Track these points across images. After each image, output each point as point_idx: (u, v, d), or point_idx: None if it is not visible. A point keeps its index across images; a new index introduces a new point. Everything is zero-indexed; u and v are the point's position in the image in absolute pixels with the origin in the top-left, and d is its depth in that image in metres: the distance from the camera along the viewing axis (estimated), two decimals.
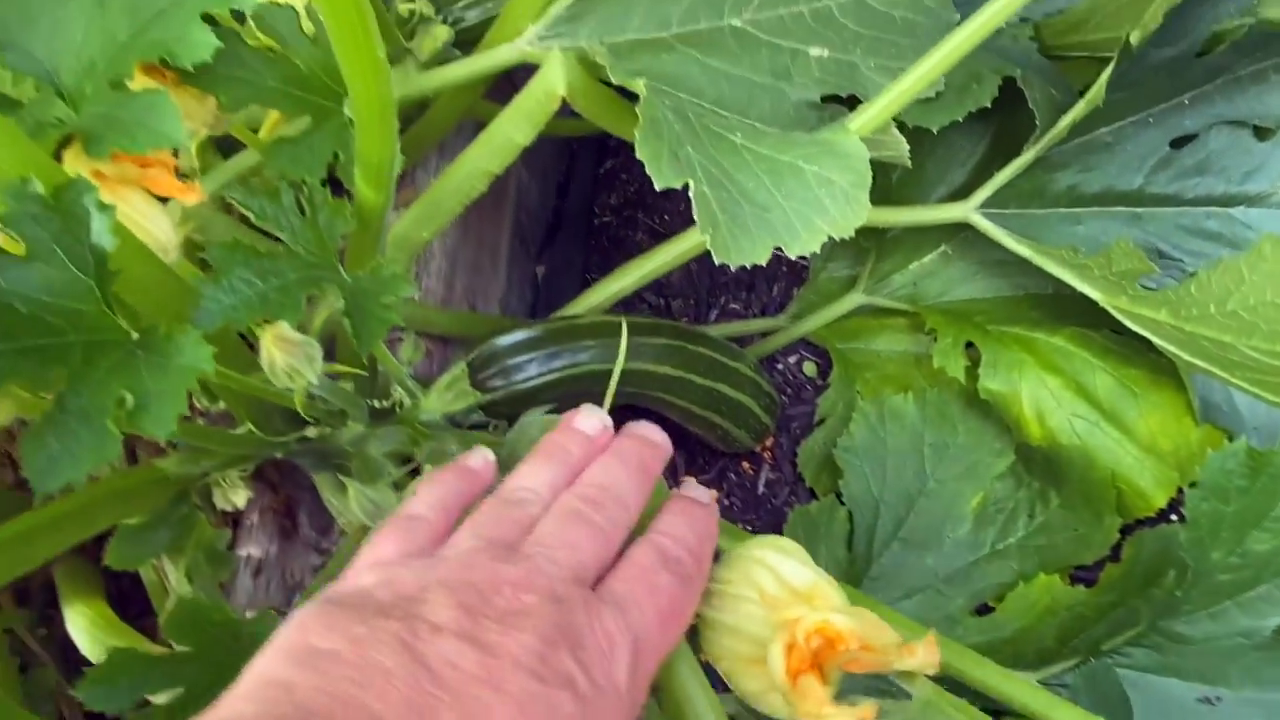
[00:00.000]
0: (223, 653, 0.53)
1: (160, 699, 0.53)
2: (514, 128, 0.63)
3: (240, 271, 0.49)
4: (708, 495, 0.48)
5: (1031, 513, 0.81)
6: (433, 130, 0.77)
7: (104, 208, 0.43)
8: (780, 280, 1.04)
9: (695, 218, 0.55)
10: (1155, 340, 0.71)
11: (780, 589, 0.42)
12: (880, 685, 0.48)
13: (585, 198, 1.15)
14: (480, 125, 0.74)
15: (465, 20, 0.81)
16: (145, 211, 0.53)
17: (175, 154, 0.56)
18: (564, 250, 1.12)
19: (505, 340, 0.71)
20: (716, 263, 0.57)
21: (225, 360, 0.49)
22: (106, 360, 0.44)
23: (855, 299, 0.93)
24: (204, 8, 0.46)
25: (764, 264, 0.58)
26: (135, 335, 0.45)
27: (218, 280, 0.48)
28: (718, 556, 0.47)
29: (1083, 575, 0.81)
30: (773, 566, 0.43)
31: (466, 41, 0.81)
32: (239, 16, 0.56)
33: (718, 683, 0.48)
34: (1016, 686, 0.58)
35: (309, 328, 0.58)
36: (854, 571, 0.81)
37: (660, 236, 1.13)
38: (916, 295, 0.90)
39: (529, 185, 1.07)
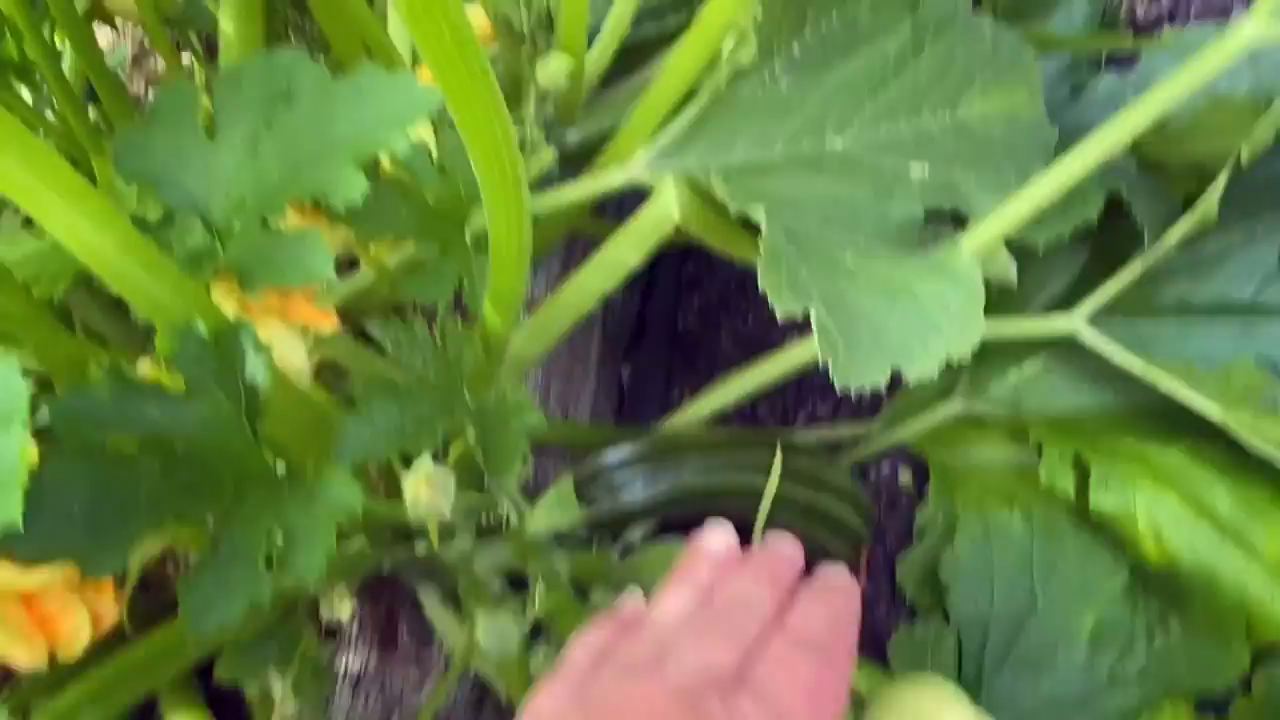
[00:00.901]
0: None
1: None
2: (627, 251, 0.65)
3: (380, 404, 0.50)
4: (844, 578, 0.47)
5: (1151, 637, 0.77)
6: (540, 245, 0.79)
7: (260, 348, 0.45)
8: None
9: (816, 343, 0.56)
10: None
11: None
12: None
13: (669, 300, 1.16)
14: (574, 237, 0.76)
15: (566, 142, 0.83)
16: (283, 339, 0.55)
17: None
18: (649, 352, 1.12)
19: (612, 457, 0.71)
20: (837, 381, 0.57)
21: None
22: (256, 496, 0.45)
23: (952, 407, 0.92)
24: (358, 153, 0.48)
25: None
26: (281, 469, 0.46)
27: (360, 413, 0.49)
28: (859, 701, 0.46)
29: (1212, 701, 0.77)
30: (934, 714, 0.41)
31: (566, 160, 0.83)
32: None
33: None
34: None
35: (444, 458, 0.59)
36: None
37: (743, 339, 1.14)
38: (1018, 405, 0.88)
39: (616, 290, 1.08)
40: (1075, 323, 0.79)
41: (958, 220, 0.74)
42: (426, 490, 0.49)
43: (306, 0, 0.67)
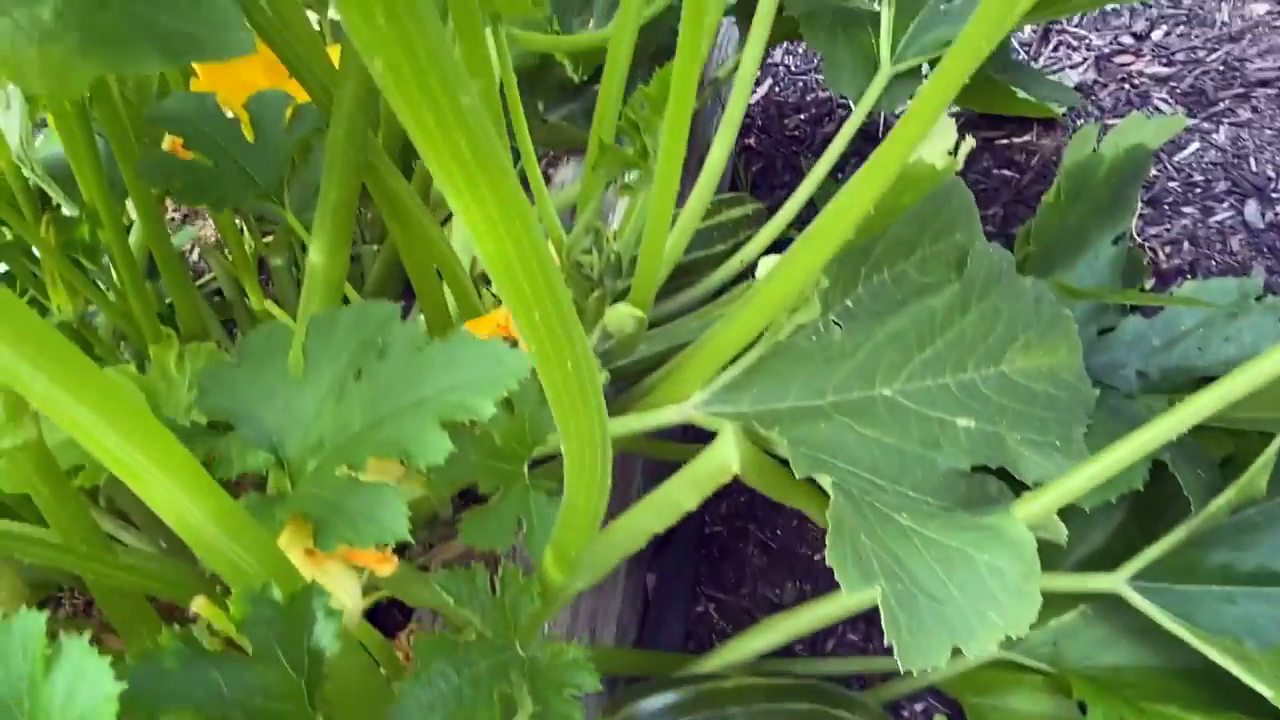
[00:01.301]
0: None
1: None
2: (683, 494, 0.65)
3: (438, 663, 0.49)
4: None
5: None
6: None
7: (331, 614, 0.45)
8: None
9: (883, 619, 0.55)
10: None
11: None
12: None
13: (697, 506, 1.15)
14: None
15: (613, 363, 0.86)
16: (340, 582, 0.55)
17: None
18: (675, 559, 1.11)
19: (649, 705, 0.69)
20: (902, 664, 0.56)
21: None
22: None
23: (990, 651, 0.90)
24: (445, 415, 0.49)
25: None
26: None
27: (418, 676, 0.48)
28: None
29: None
30: None
31: (615, 379, 0.85)
32: None
33: None
34: None
35: None
36: None
37: (774, 551, 1.13)
38: (1056, 656, 0.86)
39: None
40: (1118, 584, 0.78)
41: (1002, 474, 0.75)
42: None
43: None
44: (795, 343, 0.73)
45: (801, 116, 1.62)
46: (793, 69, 1.71)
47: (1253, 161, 1.25)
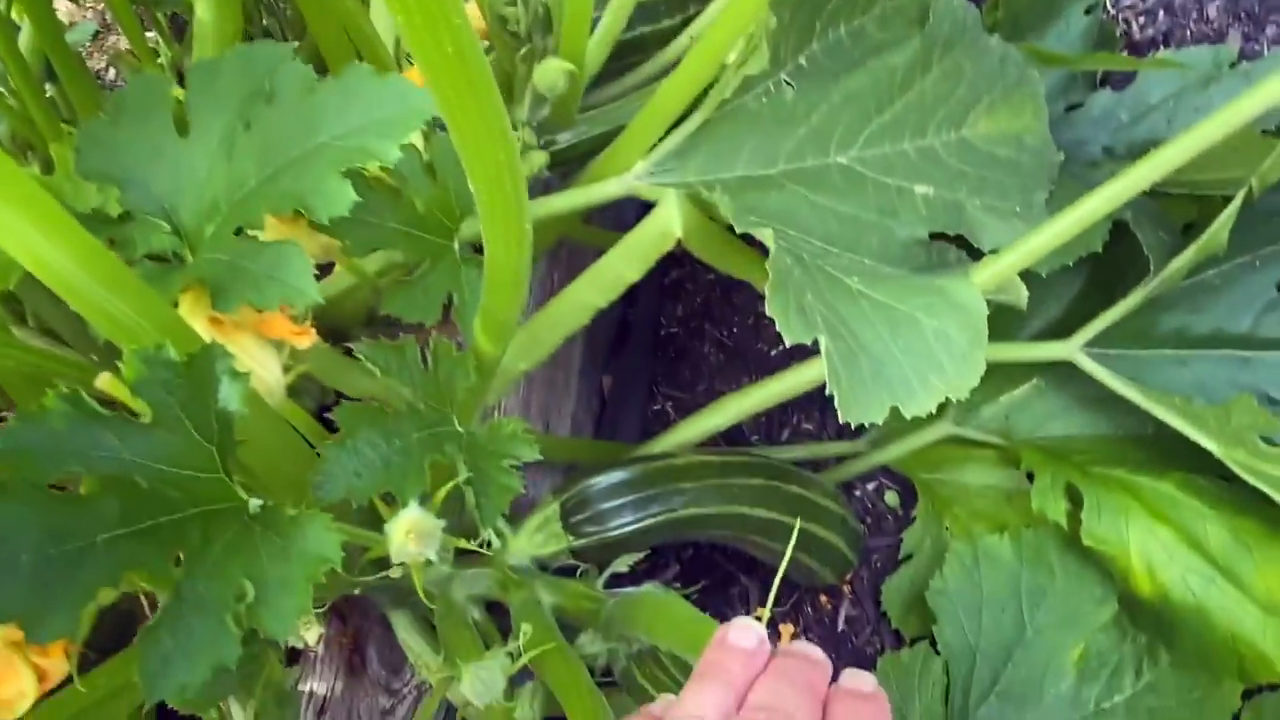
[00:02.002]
0: None
1: None
2: (626, 265, 0.62)
3: (365, 433, 0.46)
4: (872, 684, 0.44)
5: (1139, 670, 0.77)
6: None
7: (236, 376, 0.41)
8: None
9: (826, 375, 0.53)
10: (1275, 495, 0.68)
11: None
12: None
13: (652, 308, 1.13)
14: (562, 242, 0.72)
15: (557, 143, 0.80)
16: (256, 355, 0.51)
17: None
18: (631, 361, 1.09)
19: (600, 483, 0.68)
20: (841, 415, 0.55)
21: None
22: (225, 536, 0.41)
23: (942, 428, 0.90)
24: (345, 162, 0.44)
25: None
26: (254, 504, 0.42)
27: (342, 443, 0.45)
28: None
29: None
30: None
31: (557, 160, 0.80)
32: None
33: None
34: None
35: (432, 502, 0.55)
36: None
37: (728, 348, 1.11)
38: (1008, 429, 0.87)
39: None
40: (1072, 350, 0.77)
41: (960, 242, 0.72)
42: (414, 546, 0.45)
43: None
44: (744, 104, 0.68)
45: None
46: None
47: None
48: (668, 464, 0.71)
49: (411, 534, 0.45)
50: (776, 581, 0.41)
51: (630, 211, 0.99)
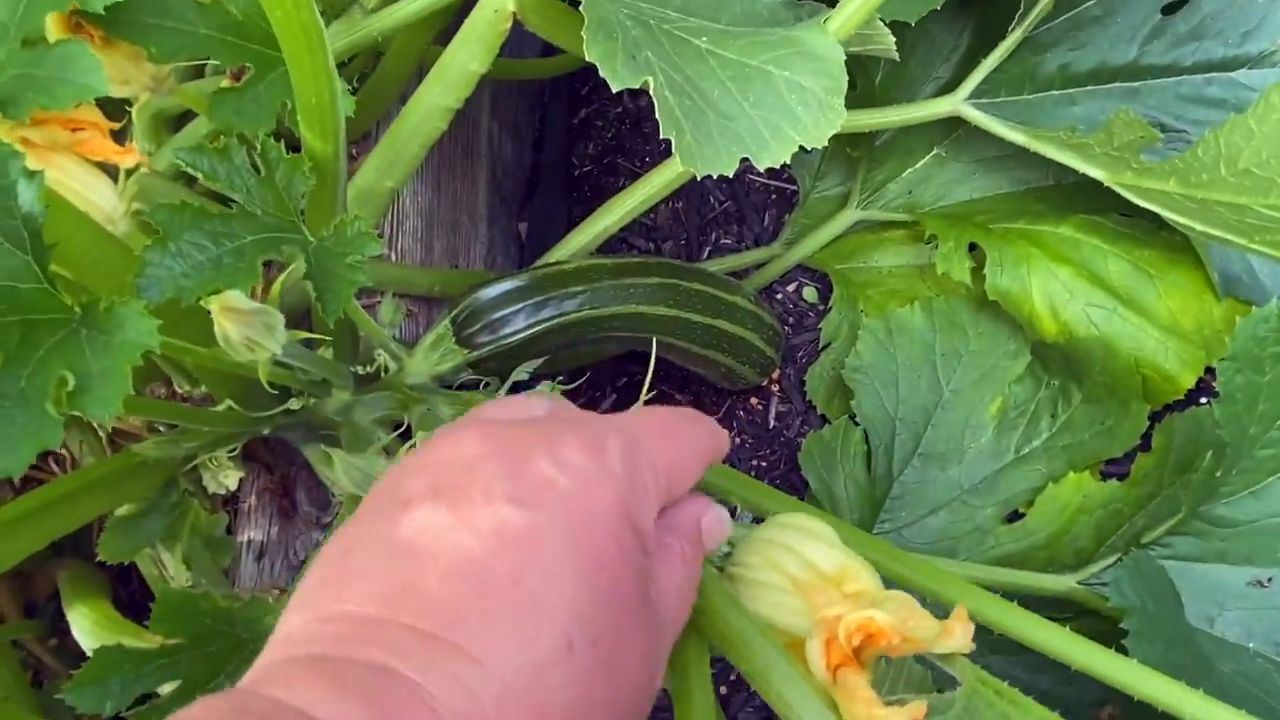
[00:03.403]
0: (217, 641, 0.50)
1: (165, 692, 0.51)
2: (467, 55, 0.60)
3: (190, 235, 0.46)
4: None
5: (1054, 412, 0.78)
6: (389, 81, 0.73)
7: (31, 175, 0.40)
8: (771, 208, 1.00)
9: (660, 124, 0.52)
10: (1166, 215, 0.68)
11: (809, 574, 0.39)
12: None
13: (562, 149, 1.11)
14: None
15: None
16: (83, 180, 0.51)
17: (118, 122, 0.53)
18: (546, 204, 1.08)
19: (489, 292, 0.68)
20: (699, 178, 0.54)
21: (181, 333, 0.47)
22: (47, 339, 0.41)
23: (850, 215, 0.90)
24: None
25: (732, 177, 0.55)
26: (79, 312, 0.42)
27: (164, 245, 0.45)
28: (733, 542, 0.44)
29: (1114, 470, 0.78)
30: (797, 550, 0.40)
31: None
32: None
33: None
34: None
35: (266, 294, 0.55)
36: (876, 492, 0.79)
37: (636, 175, 1.09)
38: (913, 203, 0.86)
39: (501, 140, 1.03)
40: (957, 104, 0.76)
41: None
42: (233, 325, 0.45)
43: None
44: None
45: None
46: None
47: None
48: (558, 269, 0.71)
49: (228, 314, 0.45)
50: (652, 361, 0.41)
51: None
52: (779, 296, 0.96)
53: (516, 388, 0.68)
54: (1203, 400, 0.78)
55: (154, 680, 0.48)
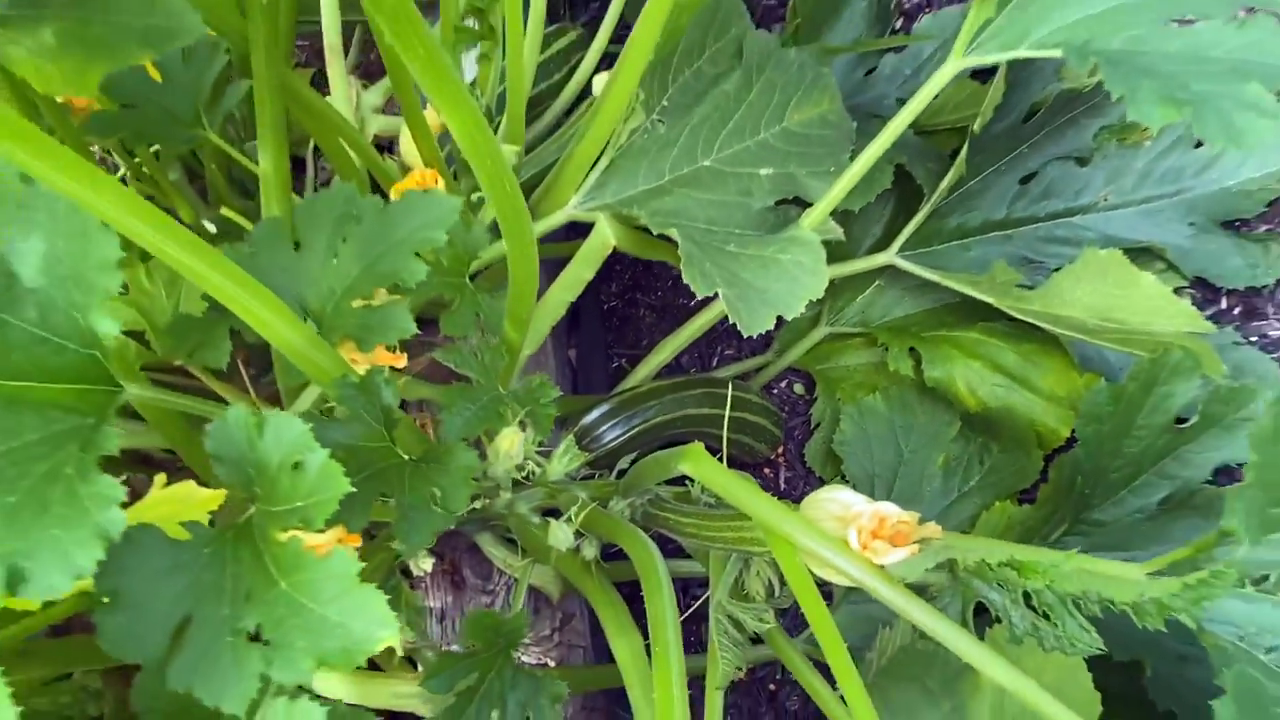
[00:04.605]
0: (495, 645, 0.80)
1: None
2: (582, 269, 0.93)
3: (459, 403, 0.77)
4: None
5: (981, 460, 1.12)
6: (496, 272, 1.06)
7: (389, 383, 0.71)
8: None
9: (726, 310, 0.85)
10: (1037, 323, 1.03)
11: (841, 509, 0.71)
12: None
13: (593, 291, 1.44)
14: None
15: None
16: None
17: None
18: (587, 333, 1.41)
19: (592, 416, 0.99)
20: (744, 333, 0.87)
21: None
22: (401, 474, 0.71)
23: (822, 330, 1.24)
24: (416, 247, 0.74)
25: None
26: (410, 459, 0.73)
27: (450, 410, 0.76)
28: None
29: (1026, 497, 1.12)
30: (837, 499, 0.71)
31: None
32: None
33: None
34: None
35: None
36: None
37: (658, 309, 1.43)
38: (865, 319, 1.21)
39: None
40: (891, 256, 1.11)
41: (799, 201, 1.05)
42: (514, 440, 0.75)
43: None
44: (634, 143, 0.99)
45: None
46: None
47: None
48: (634, 393, 1.03)
49: (511, 441, 0.75)
50: (725, 440, 0.73)
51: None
52: (774, 391, 1.29)
53: (620, 473, 0.99)
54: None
55: (465, 670, 0.77)
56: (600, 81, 1.11)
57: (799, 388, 1.28)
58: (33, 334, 0.58)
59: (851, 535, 0.67)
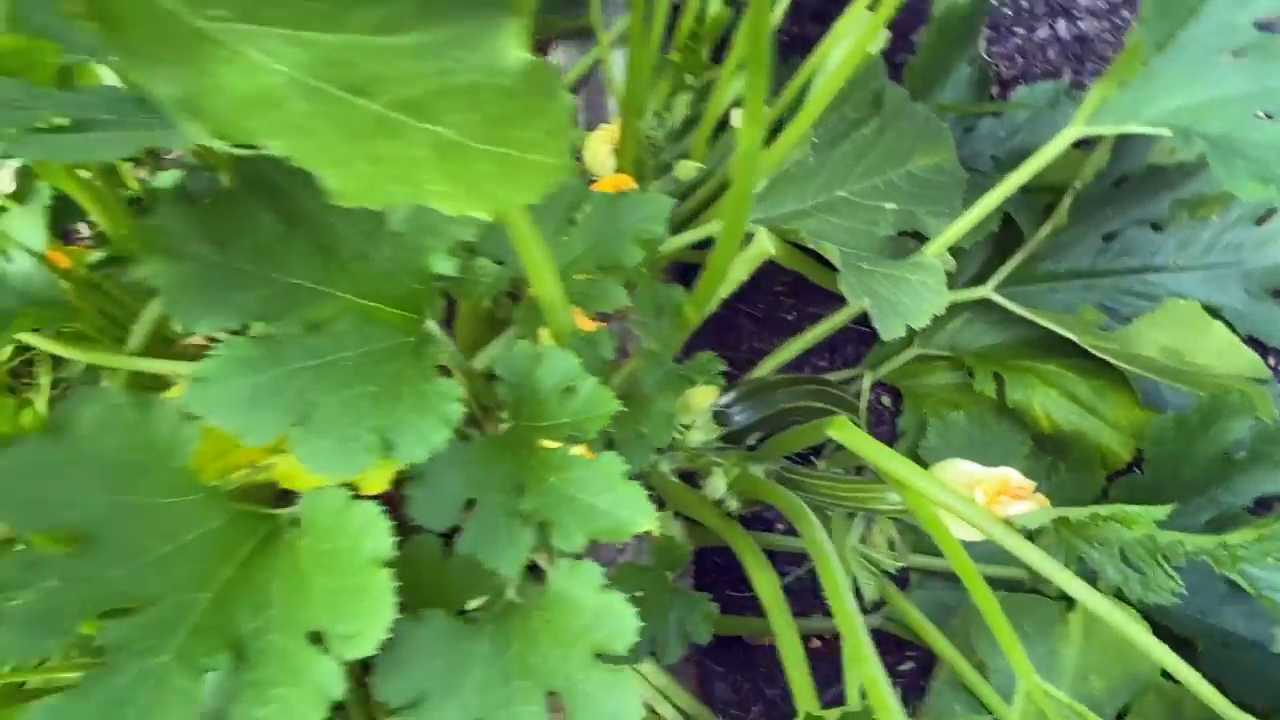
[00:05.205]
0: None
1: None
2: (741, 271, 1.09)
3: (652, 366, 0.94)
4: None
5: (1049, 476, 1.27)
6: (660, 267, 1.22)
7: (608, 339, 0.88)
8: (852, 343, 1.51)
9: (871, 317, 1.01)
10: (1112, 361, 1.19)
11: (968, 474, 0.87)
12: None
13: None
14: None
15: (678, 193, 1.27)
16: (588, 322, 0.98)
17: None
18: (700, 338, 1.57)
19: (725, 399, 1.16)
20: (882, 337, 1.03)
21: None
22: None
23: (912, 351, 1.40)
24: (636, 237, 0.91)
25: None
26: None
27: (644, 371, 0.93)
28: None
29: None
30: (960, 468, 0.87)
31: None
32: None
33: None
34: None
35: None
36: None
37: (760, 319, 1.59)
38: (953, 345, 1.37)
39: None
40: (988, 291, 1.28)
41: (917, 235, 1.21)
42: (705, 395, 0.92)
43: None
44: (787, 171, 1.16)
45: None
46: None
47: None
48: (761, 382, 1.19)
49: (703, 396, 0.92)
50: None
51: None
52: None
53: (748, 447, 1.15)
54: (1134, 470, 1.29)
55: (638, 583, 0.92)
56: (737, 115, 1.28)
57: (886, 400, 1.44)
58: (384, 268, 0.74)
59: (978, 494, 0.83)
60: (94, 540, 0.62)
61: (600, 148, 1.16)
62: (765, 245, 1.07)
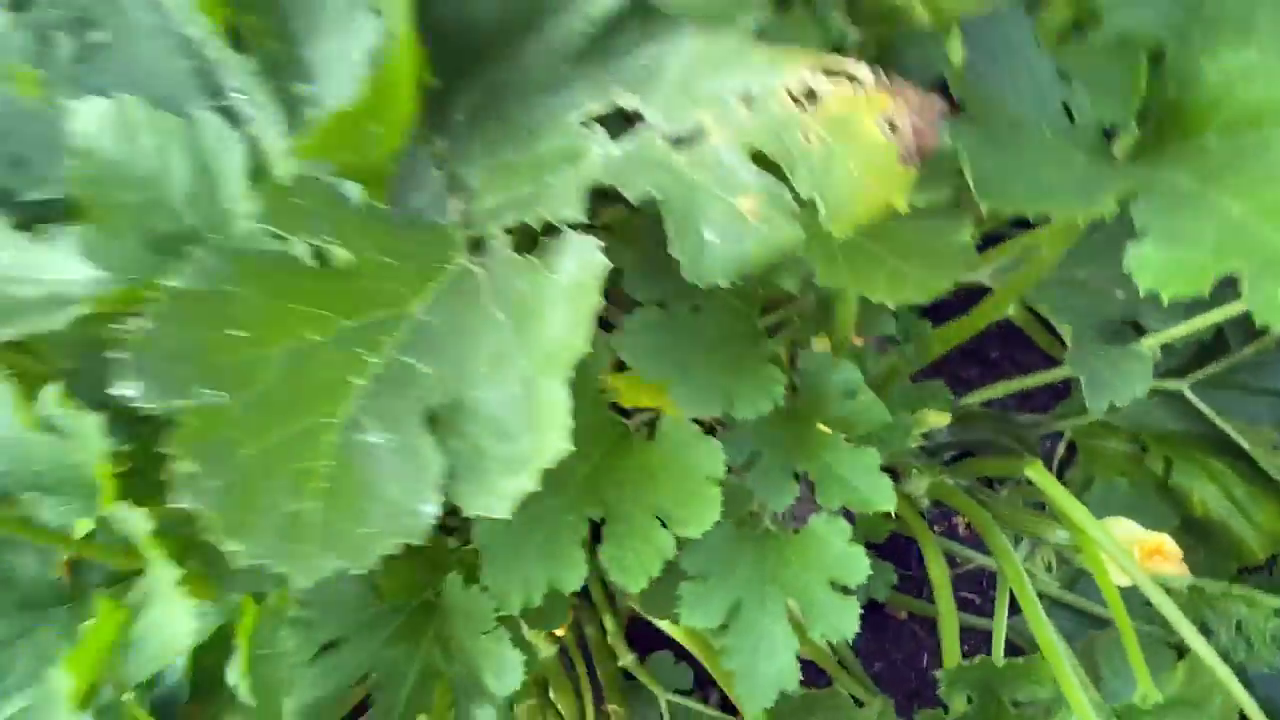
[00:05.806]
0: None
1: None
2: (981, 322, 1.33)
3: (896, 385, 1.20)
4: None
5: (1190, 553, 1.47)
6: None
7: (870, 355, 1.15)
8: (1043, 393, 1.72)
9: (1083, 389, 1.24)
10: (1276, 477, 1.37)
11: (1130, 531, 1.10)
12: None
13: None
14: None
15: None
16: None
17: None
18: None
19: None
20: (1089, 406, 1.25)
21: None
22: None
23: (1096, 414, 1.60)
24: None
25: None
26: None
27: (887, 391, 1.19)
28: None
29: None
30: (1124, 525, 1.11)
31: None
32: None
33: None
34: None
35: None
36: None
37: (968, 354, 1.82)
38: (1139, 423, 1.57)
39: None
40: (1183, 387, 1.47)
41: (1136, 325, 1.41)
42: (940, 417, 1.18)
43: None
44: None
45: None
46: None
47: None
48: (969, 410, 1.44)
49: (940, 417, 1.18)
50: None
51: None
52: (1045, 446, 1.67)
53: (945, 462, 1.41)
54: (1266, 570, 1.47)
55: None
56: None
57: (1061, 449, 1.66)
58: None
59: (1136, 549, 1.07)
60: None
61: None
62: (1008, 309, 1.31)
